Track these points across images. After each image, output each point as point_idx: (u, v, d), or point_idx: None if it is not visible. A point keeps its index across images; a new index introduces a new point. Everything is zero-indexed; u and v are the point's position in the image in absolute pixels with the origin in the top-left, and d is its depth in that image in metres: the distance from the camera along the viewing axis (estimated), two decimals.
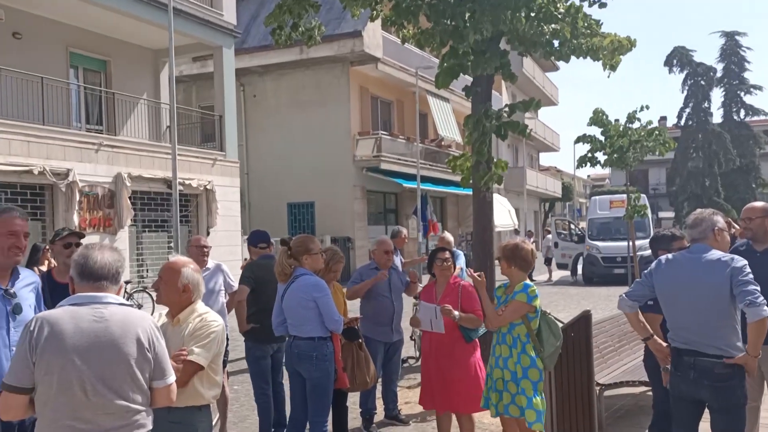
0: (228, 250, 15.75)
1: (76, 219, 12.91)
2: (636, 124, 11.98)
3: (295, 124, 22.19)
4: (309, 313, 4.51)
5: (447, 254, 5.18)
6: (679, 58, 45.20)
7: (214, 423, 5.95)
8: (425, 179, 22.98)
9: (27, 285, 3.25)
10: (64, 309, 2.48)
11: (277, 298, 4.75)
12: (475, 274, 4.59)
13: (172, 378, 2.64)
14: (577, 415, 5.10)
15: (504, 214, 26.15)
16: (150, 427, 2.58)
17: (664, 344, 3.91)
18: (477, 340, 5.04)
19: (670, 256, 3.90)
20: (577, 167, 12.74)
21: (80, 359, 2.40)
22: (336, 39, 20.57)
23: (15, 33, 13.71)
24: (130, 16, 14.40)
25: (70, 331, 2.41)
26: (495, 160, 6.26)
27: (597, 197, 24.44)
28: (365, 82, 22.84)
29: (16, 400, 2.41)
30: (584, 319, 5.15)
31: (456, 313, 4.74)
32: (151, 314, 2.85)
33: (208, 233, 15.64)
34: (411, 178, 22.24)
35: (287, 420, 5.64)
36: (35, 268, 8.53)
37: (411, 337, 8.45)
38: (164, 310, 3.31)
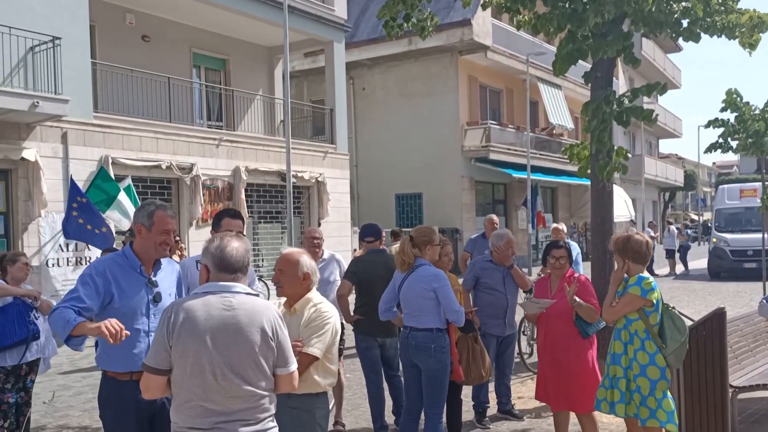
0: (338, 241, 16.12)
1: (199, 210, 13.68)
2: None
3: (404, 115, 22.30)
4: (428, 303, 4.49)
5: (562, 252, 4.97)
6: None
7: (330, 408, 6.12)
8: (535, 169, 22.40)
9: (168, 274, 3.43)
10: (198, 297, 2.61)
11: (391, 286, 4.78)
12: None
13: (294, 366, 2.72)
14: (708, 418, 4.78)
15: (620, 205, 25.00)
16: (273, 411, 2.68)
17: None
18: (594, 336, 4.84)
19: None
20: (705, 152, 11.83)
21: (211, 345, 2.52)
22: (445, 28, 20.40)
23: (144, 36, 14.67)
24: (247, 16, 15.01)
25: (202, 318, 2.53)
26: (615, 148, 5.96)
27: (725, 186, 22.79)
28: (474, 71, 22.54)
29: (156, 380, 2.58)
30: (717, 316, 4.80)
31: (577, 299, 4.58)
32: None
33: (319, 224, 16.06)
34: (521, 168, 21.74)
35: (403, 408, 5.68)
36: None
37: (522, 332, 8.28)
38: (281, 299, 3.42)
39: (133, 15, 14.40)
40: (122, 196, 11.00)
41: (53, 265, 11.16)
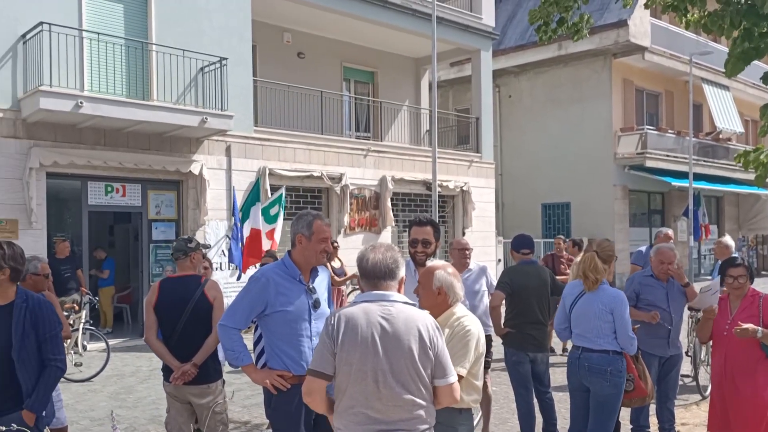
0: (482, 251, 15.91)
1: (346, 219, 14.13)
2: None
3: (551, 122, 21.64)
4: (606, 326, 4.29)
5: (740, 270, 4.48)
6: None
7: (476, 422, 6.02)
8: (698, 177, 20.75)
9: (322, 280, 3.57)
10: (358, 305, 2.66)
11: (562, 305, 4.62)
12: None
13: (453, 377, 2.68)
14: None
15: None
16: (432, 423, 2.65)
17: None
18: None
19: None
20: None
21: (373, 352, 2.56)
22: (597, 31, 19.54)
23: (299, 53, 15.48)
24: (395, 29, 15.33)
25: (363, 326, 2.59)
26: None
27: None
28: (629, 73, 21.37)
29: (319, 384, 2.65)
30: None
31: (759, 329, 4.12)
32: None
33: (463, 234, 15.98)
34: (681, 175, 20.23)
35: (555, 427, 5.46)
36: (328, 264, 9.59)
37: (686, 353, 7.65)
38: None
39: (290, 34, 15.25)
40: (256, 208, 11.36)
41: (216, 269, 12.04)
